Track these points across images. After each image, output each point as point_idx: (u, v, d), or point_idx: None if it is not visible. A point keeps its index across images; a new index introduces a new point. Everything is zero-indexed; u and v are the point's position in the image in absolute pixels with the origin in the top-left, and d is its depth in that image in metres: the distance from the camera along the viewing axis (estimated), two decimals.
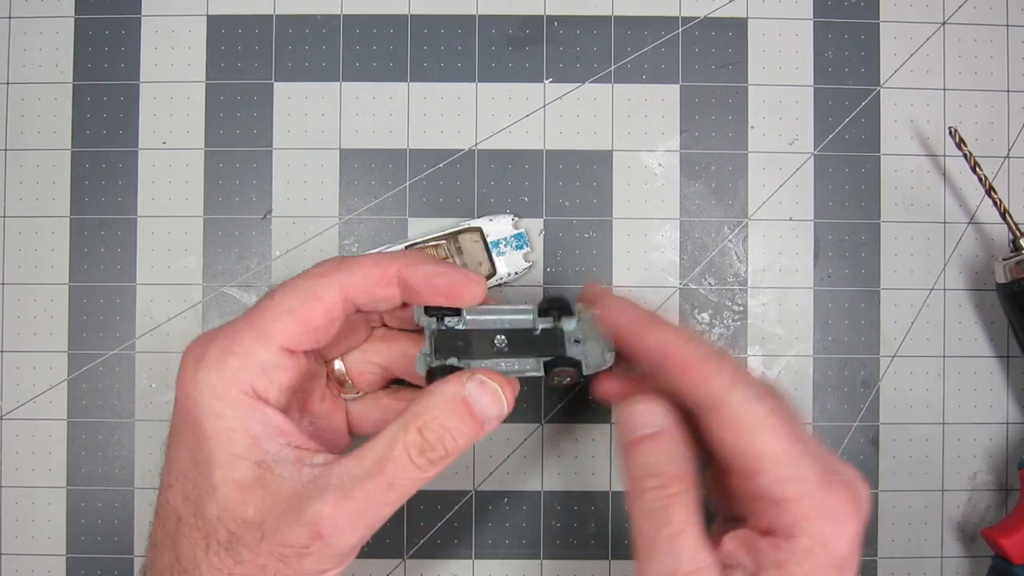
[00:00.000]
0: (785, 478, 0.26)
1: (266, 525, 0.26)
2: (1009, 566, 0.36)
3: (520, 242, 0.38)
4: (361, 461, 0.27)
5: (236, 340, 0.28)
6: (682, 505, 0.27)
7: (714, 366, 0.27)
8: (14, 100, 0.39)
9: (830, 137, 0.40)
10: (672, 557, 0.26)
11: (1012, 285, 0.37)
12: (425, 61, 0.39)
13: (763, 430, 0.26)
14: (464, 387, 0.28)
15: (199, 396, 0.27)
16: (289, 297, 0.28)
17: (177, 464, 0.28)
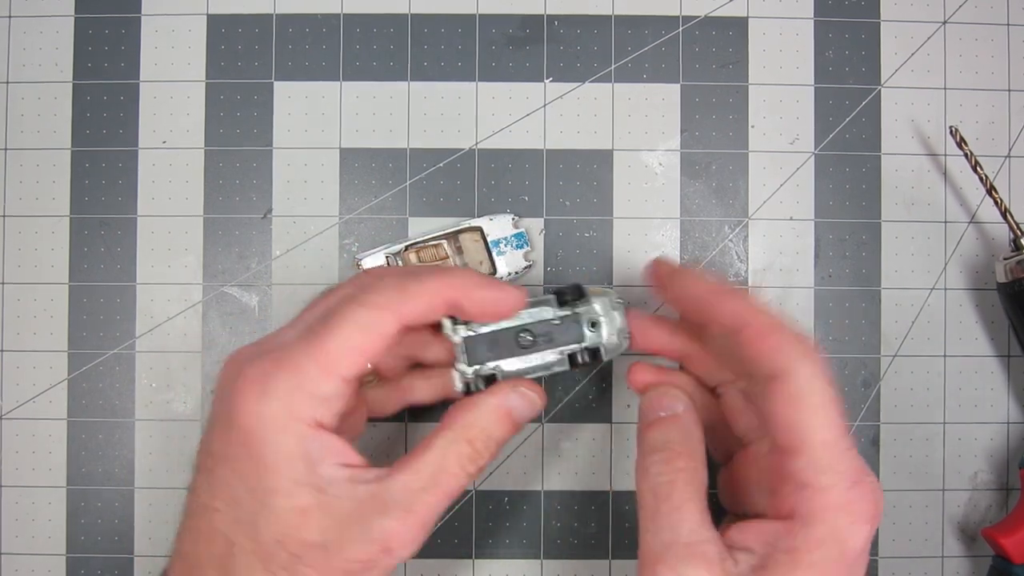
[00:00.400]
0: (823, 466, 0.27)
1: (331, 544, 0.27)
2: (1009, 566, 0.36)
3: (520, 241, 0.38)
4: (418, 475, 0.28)
5: (301, 374, 0.27)
6: (685, 481, 0.28)
7: (790, 337, 0.28)
8: (14, 100, 0.39)
9: (830, 137, 0.40)
10: (671, 530, 0.27)
11: (1013, 284, 0.37)
12: (425, 61, 0.39)
13: (819, 413, 0.27)
14: (508, 399, 0.31)
15: (263, 430, 0.27)
16: (353, 331, 0.28)
17: (226, 490, 0.28)
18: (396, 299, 0.28)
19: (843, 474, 0.27)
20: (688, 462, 0.29)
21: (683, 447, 0.29)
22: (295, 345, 0.28)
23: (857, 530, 0.27)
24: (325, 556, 0.27)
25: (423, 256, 0.38)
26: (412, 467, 0.28)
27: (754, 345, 0.28)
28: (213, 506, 0.28)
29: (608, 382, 0.39)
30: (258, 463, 0.27)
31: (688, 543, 0.27)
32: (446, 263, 0.38)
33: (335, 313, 0.28)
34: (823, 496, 0.27)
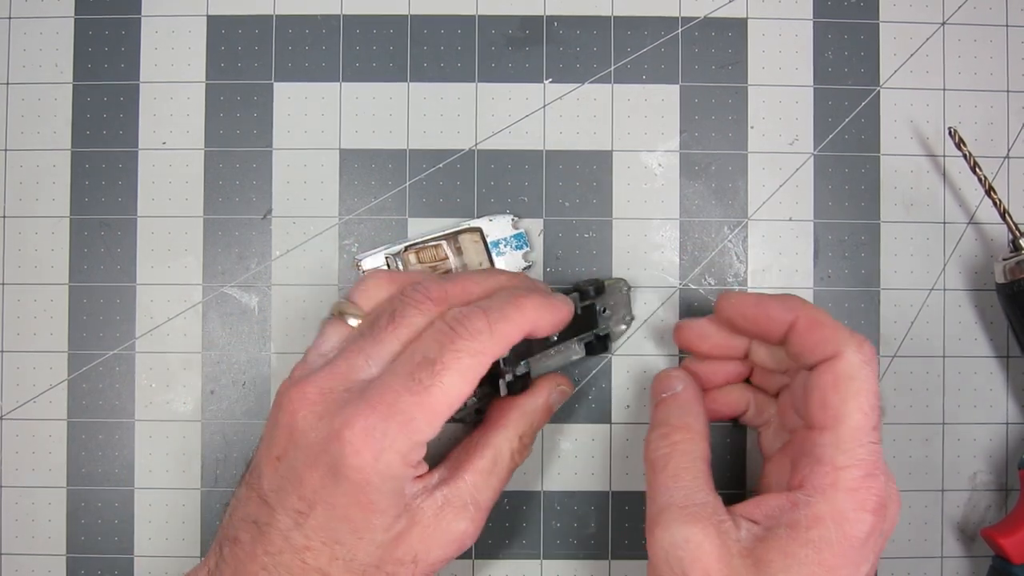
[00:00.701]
0: (845, 448, 0.28)
1: (420, 555, 0.29)
2: (1009, 566, 0.36)
3: (520, 242, 0.38)
4: (482, 474, 0.31)
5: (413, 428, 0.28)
6: (682, 452, 0.31)
7: (841, 327, 0.30)
8: (14, 100, 0.39)
9: (830, 137, 0.40)
10: (667, 495, 0.29)
11: (1012, 285, 0.37)
12: (425, 61, 0.39)
13: (858, 397, 0.29)
14: (551, 397, 0.35)
15: (379, 483, 0.28)
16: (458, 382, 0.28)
17: (324, 532, 0.28)
18: (491, 344, 0.29)
19: (862, 461, 0.28)
20: (684, 435, 0.31)
21: (680, 422, 0.32)
22: (402, 396, 0.28)
23: (860, 517, 0.27)
24: (415, 566, 0.29)
25: (423, 257, 0.38)
26: (476, 467, 0.31)
27: (808, 334, 0.30)
28: (306, 545, 0.28)
29: (608, 382, 0.39)
30: (367, 509, 0.28)
31: (683, 505, 0.29)
32: (445, 264, 0.38)
33: (439, 361, 0.28)
34: (835, 475, 0.28)
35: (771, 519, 0.28)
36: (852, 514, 0.27)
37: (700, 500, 0.29)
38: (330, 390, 0.29)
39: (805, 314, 0.31)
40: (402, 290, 0.31)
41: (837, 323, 0.30)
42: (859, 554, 0.28)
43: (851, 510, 0.27)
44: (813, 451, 0.29)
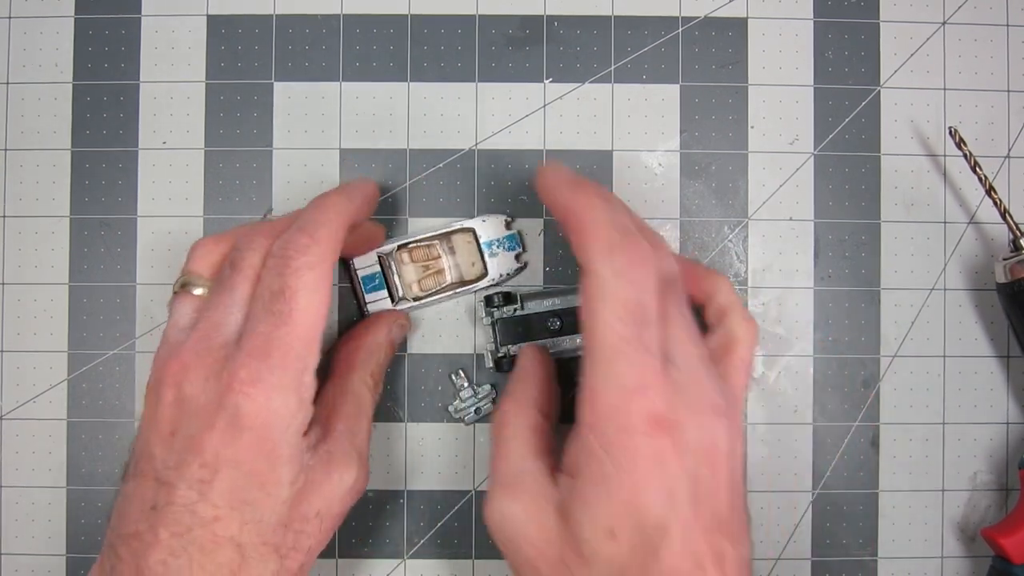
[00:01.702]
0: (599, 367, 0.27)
1: (323, 511, 0.30)
2: (1009, 566, 0.36)
3: (512, 243, 0.38)
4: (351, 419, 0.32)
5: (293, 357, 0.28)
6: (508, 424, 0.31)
7: (603, 234, 0.27)
8: (14, 100, 0.39)
9: (830, 137, 0.40)
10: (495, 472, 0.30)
11: (1012, 285, 0.37)
12: (425, 61, 0.39)
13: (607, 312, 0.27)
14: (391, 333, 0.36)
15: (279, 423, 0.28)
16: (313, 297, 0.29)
17: (230, 495, 0.27)
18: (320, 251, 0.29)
19: (617, 377, 0.26)
20: (510, 405, 0.32)
21: (510, 395, 0.33)
22: (271, 331, 0.28)
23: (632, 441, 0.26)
24: (320, 522, 0.30)
25: (415, 256, 0.38)
26: (344, 414, 0.32)
27: (571, 239, 0.28)
28: (215, 515, 0.27)
29: None
30: (272, 458, 0.28)
31: (503, 481, 0.29)
32: (437, 263, 0.38)
33: (287, 287, 0.28)
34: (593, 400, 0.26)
35: (572, 467, 0.27)
36: (619, 438, 0.26)
37: (519, 469, 0.29)
38: (206, 352, 0.29)
39: (575, 216, 0.28)
40: (235, 242, 0.31)
41: (597, 230, 0.27)
42: (657, 477, 0.26)
43: (616, 434, 0.26)
44: (582, 376, 0.27)
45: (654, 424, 0.26)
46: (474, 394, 0.38)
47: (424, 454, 0.39)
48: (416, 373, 0.39)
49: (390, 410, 0.39)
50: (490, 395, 0.38)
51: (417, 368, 0.39)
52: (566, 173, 0.30)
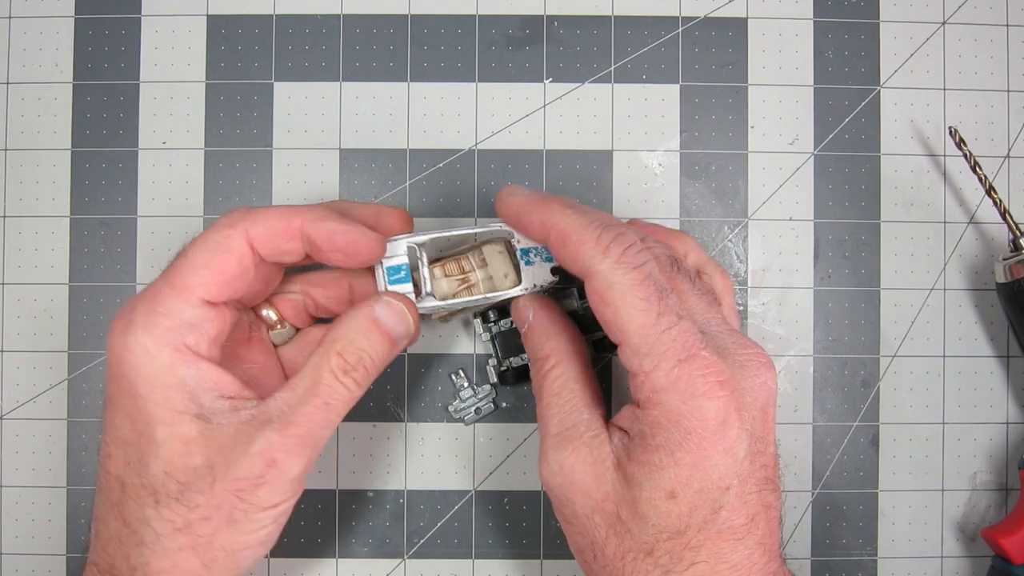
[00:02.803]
0: (642, 351, 0.27)
1: (216, 468, 0.27)
2: (1009, 566, 0.36)
3: (549, 253, 0.33)
4: (294, 390, 0.29)
5: (159, 300, 0.28)
6: (553, 378, 0.30)
7: (590, 235, 0.28)
8: (14, 100, 0.39)
9: (830, 137, 0.40)
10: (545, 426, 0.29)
11: (1012, 285, 0.37)
12: (425, 61, 0.39)
13: (625, 301, 0.27)
14: (373, 309, 0.30)
15: (132, 359, 0.28)
16: (201, 251, 0.29)
17: (116, 432, 0.28)
18: (241, 217, 0.29)
19: (664, 354, 0.26)
20: (550, 361, 0.31)
21: (542, 350, 0.31)
22: (155, 281, 0.29)
23: (696, 406, 0.26)
24: (212, 479, 0.27)
25: (448, 270, 0.34)
26: (288, 385, 0.29)
27: (561, 249, 0.28)
28: (108, 452, 0.28)
29: (607, 382, 0.39)
30: (134, 395, 0.28)
31: (556, 432, 0.29)
32: (471, 277, 0.34)
33: (189, 245, 0.29)
34: (648, 380, 0.27)
35: (631, 428, 0.28)
36: (684, 407, 0.26)
37: (573, 421, 0.29)
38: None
39: (556, 229, 0.28)
40: None
41: (583, 234, 0.28)
42: (722, 439, 0.26)
43: (680, 404, 0.26)
44: (627, 365, 0.27)
45: (716, 385, 0.26)
46: (474, 394, 0.38)
47: (424, 454, 0.39)
48: (416, 373, 0.39)
49: (390, 410, 0.39)
50: (490, 395, 0.38)
51: (417, 368, 0.39)
52: (527, 192, 0.31)
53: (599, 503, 0.27)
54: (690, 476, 0.26)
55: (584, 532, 0.28)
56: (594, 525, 0.28)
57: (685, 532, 0.26)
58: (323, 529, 0.39)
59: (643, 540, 0.27)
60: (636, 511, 0.27)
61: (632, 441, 0.27)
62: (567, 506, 0.28)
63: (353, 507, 0.39)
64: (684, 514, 0.26)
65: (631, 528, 0.27)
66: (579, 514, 0.28)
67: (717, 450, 0.26)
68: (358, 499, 0.39)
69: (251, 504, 0.28)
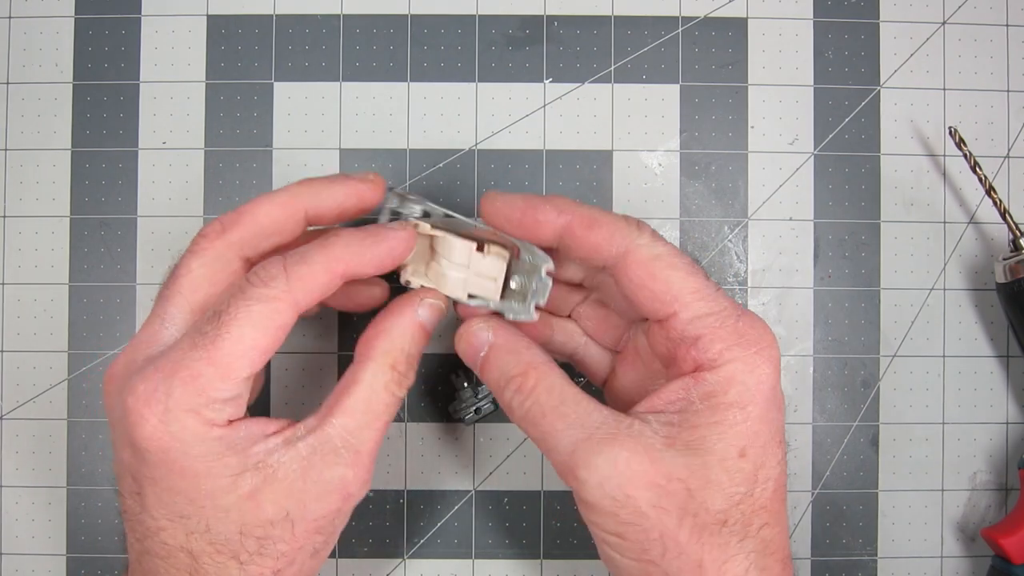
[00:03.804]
0: (704, 312, 0.27)
1: (292, 512, 0.27)
2: (1009, 566, 0.36)
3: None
4: (354, 415, 0.28)
5: (201, 383, 0.26)
6: (547, 391, 0.28)
7: (616, 218, 0.28)
8: (14, 100, 0.39)
9: (830, 137, 0.40)
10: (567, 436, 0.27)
11: (1012, 285, 0.37)
12: (425, 61, 0.39)
13: (676, 268, 0.27)
14: (417, 313, 0.30)
15: (180, 446, 0.26)
16: (248, 331, 0.26)
17: (165, 508, 0.27)
18: (287, 288, 0.27)
19: (725, 311, 0.27)
20: (533, 375, 0.28)
21: (519, 367, 0.29)
22: (187, 352, 0.26)
23: (766, 357, 0.27)
24: (291, 525, 0.27)
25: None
26: (345, 408, 0.28)
27: (587, 235, 0.28)
28: (158, 526, 0.27)
29: None
30: (188, 475, 0.26)
31: (587, 436, 0.27)
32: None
33: (226, 312, 0.27)
34: (717, 336, 0.27)
35: (678, 402, 0.27)
36: (755, 358, 0.27)
37: (595, 421, 0.27)
38: (132, 362, 0.28)
39: (579, 214, 0.28)
40: None
41: (613, 216, 0.28)
42: (777, 392, 0.27)
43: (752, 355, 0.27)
44: (682, 335, 0.27)
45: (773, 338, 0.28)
46: (474, 394, 0.38)
47: (424, 454, 0.39)
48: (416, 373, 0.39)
49: None
50: (490, 395, 0.38)
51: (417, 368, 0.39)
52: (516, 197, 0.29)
53: (665, 487, 0.26)
54: (757, 431, 0.27)
55: (651, 528, 0.26)
56: (664, 513, 0.26)
57: (752, 492, 0.27)
58: None
59: (718, 511, 0.26)
60: (708, 479, 0.26)
61: (685, 411, 0.27)
62: (627, 507, 0.26)
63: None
64: (751, 472, 0.27)
65: (705, 501, 0.26)
66: (643, 509, 0.26)
67: (775, 404, 0.27)
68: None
69: (331, 534, 0.28)
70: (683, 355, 0.27)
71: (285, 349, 0.38)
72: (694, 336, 0.27)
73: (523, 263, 0.31)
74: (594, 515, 0.27)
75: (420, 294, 0.30)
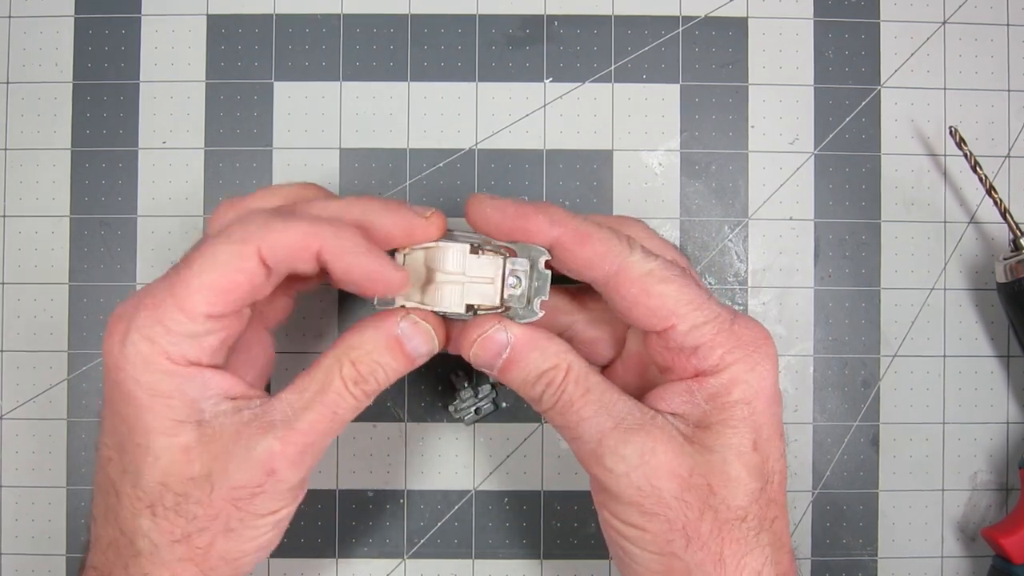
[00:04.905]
0: (700, 320, 0.27)
1: (214, 475, 0.27)
2: (1009, 566, 0.36)
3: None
4: (302, 393, 0.28)
5: (160, 312, 0.27)
6: (573, 383, 0.28)
7: (608, 234, 0.28)
8: (14, 100, 0.39)
9: (830, 137, 0.40)
10: (593, 428, 0.27)
11: (1012, 284, 0.37)
12: (425, 61, 0.39)
13: (670, 281, 0.28)
14: (397, 326, 0.29)
15: (130, 369, 0.26)
16: (209, 267, 0.27)
17: (114, 436, 0.28)
18: (257, 235, 0.27)
19: (719, 317, 0.28)
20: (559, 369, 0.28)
21: (546, 363, 0.28)
22: (157, 285, 0.27)
23: (763, 354, 0.28)
24: (209, 488, 0.26)
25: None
26: (296, 386, 0.28)
27: (578, 249, 0.28)
28: (108, 455, 0.28)
29: None
30: (134, 404, 0.27)
31: (613, 427, 0.27)
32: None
33: (196, 249, 0.27)
34: (716, 342, 0.27)
35: (683, 404, 0.28)
36: (755, 355, 0.27)
37: (621, 411, 0.27)
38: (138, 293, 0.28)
39: (572, 228, 0.28)
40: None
41: (605, 232, 0.28)
42: (775, 385, 0.28)
43: (751, 352, 0.28)
44: (681, 345, 0.27)
45: (767, 334, 0.28)
46: (474, 394, 0.38)
47: (424, 454, 0.39)
48: (416, 373, 0.39)
49: (390, 410, 0.39)
50: (490, 395, 0.38)
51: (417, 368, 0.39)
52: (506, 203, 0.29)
53: (688, 480, 0.27)
54: (763, 423, 0.27)
55: (674, 518, 0.26)
56: (686, 506, 0.27)
57: (766, 485, 0.27)
58: (323, 529, 0.39)
59: (737, 506, 0.27)
60: (727, 476, 0.27)
61: (693, 413, 0.28)
62: (652, 497, 0.26)
63: (353, 507, 0.39)
64: (762, 465, 0.27)
65: (726, 497, 0.27)
66: (667, 499, 0.26)
67: (776, 398, 0.28)
68: (358, 499, 0.39)
69: (248, 513, 0.27)
70: (683, 364, 0.28)
71: (285, 349, 0.38)
72: (693, 346, 0.28)
73: (519, 261, 0.30)
74: (617, 505, 0.27)
75: (408, 310, 0.29)
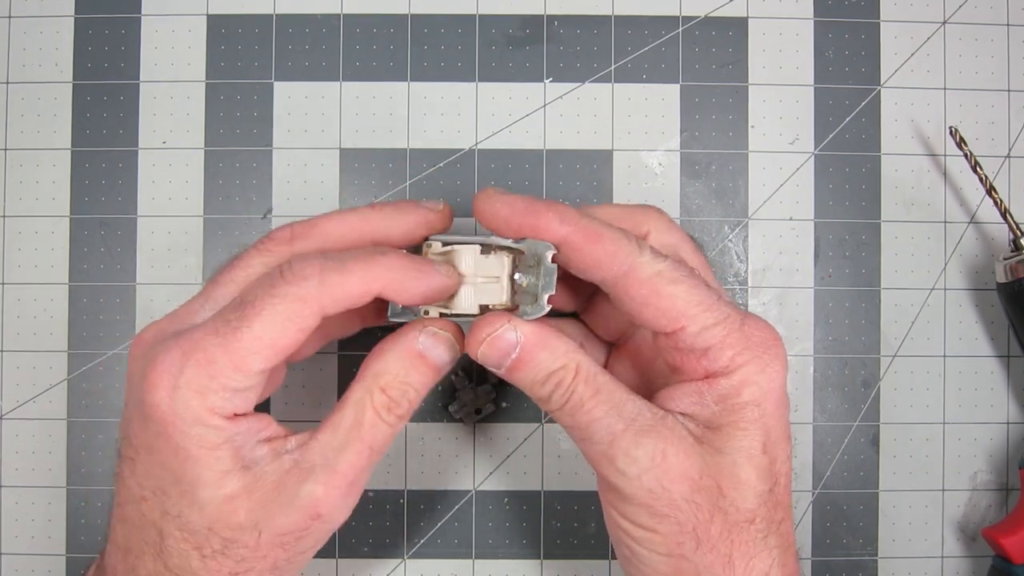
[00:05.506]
0: (710, 321, 0.27)
1: (261, 522, 0.27)
2: (1009, 566, 0.36)
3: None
4: (336, 432, 0.27)
5: (214, 368, 0.26)
6: (584, 383, 0.27)
7: (618, 234, 0.28)
8: (14, 100, 0.39)
9: (830, 137, 0.40)
10: (605, 430, 0.27)
11: (1012, 285, 0.36)
12: (425, 61, 0.39)
13: (679, 282, 0.27)
14: (417, 341, 0.29)
15: (180, 424, 0.26)
16: (268, 328, 0.26)
17: (152, 480, 0.27)
18: (317, 293, 0.26)
19: (729, 319, 0.27)
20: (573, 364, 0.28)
21: (558, 360, 0.28)
22: (207, 336, 0.26)
23: (773, 355, 0.28)
24: (257, 534, 0.27)
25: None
26: (330, 426, 0.28)
27: (588, 249, 0.27)
28: (141, 495, 0.27)
29: None
30: (180, 454, 0.27)
31: (625, 428, 0.27)
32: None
33: (251, 304, 0.26)
34: (727, 343, 0.27)
35: (692, 405, 0.28)
36: (763, 359, 0.27)
37: (632, 412, 0.27)
38: (162, 332, 0.28)
39: (582, 227, 0.27)
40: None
41: (616, 232, 0.27)
42: (784, 388, 0.28)
43: (760, 356, 0.27)
44: (691, 346, 0.27)
45: (777, 334, 0.28)
46: (474, 394, 0.38)
47: (424, 454, 0.39)
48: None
49: None
50: (490, 395, 0.38)
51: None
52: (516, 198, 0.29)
53: (698, 481, 0.26)
54: (772, 425, 0.27)
55: (684, 520, 0.26)
56: (696, 508, 0.26)
57: (774, 487, 0.27)
58: None
59: (747, 509, 0.27)
60: (737, 478, 0.27)
61: (703, 414, 0.28)
62: (662, 499, 0.26)
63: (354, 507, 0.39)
64: (771, 467, 0.27)
65: (735, 500, 0.27)
66: (677, 502, 0.26)
67: (784, 400, 0.28)
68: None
69: (295, 552, 0.28)
70: (693, 365, 0.28)
71: None
72: (703, 348, 0.27)
73: (525, 257, 0.29)
74: (627, 507, 0.27)
75: (424, 322, 0.29)
